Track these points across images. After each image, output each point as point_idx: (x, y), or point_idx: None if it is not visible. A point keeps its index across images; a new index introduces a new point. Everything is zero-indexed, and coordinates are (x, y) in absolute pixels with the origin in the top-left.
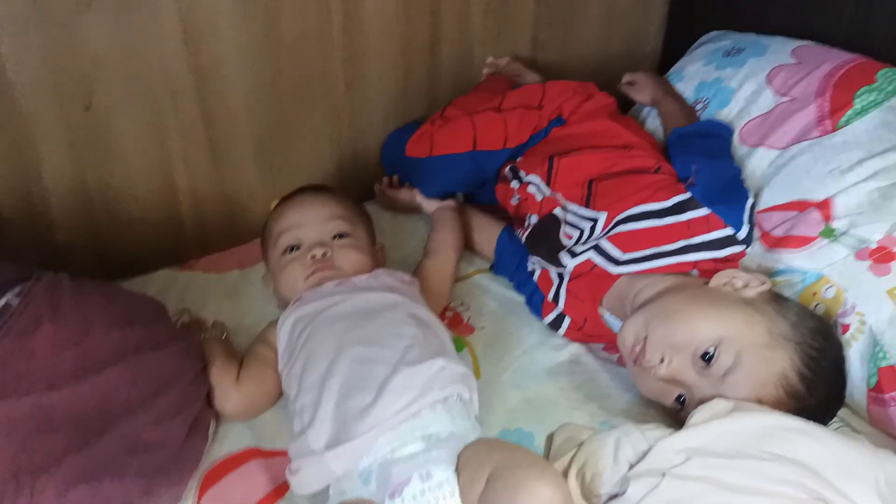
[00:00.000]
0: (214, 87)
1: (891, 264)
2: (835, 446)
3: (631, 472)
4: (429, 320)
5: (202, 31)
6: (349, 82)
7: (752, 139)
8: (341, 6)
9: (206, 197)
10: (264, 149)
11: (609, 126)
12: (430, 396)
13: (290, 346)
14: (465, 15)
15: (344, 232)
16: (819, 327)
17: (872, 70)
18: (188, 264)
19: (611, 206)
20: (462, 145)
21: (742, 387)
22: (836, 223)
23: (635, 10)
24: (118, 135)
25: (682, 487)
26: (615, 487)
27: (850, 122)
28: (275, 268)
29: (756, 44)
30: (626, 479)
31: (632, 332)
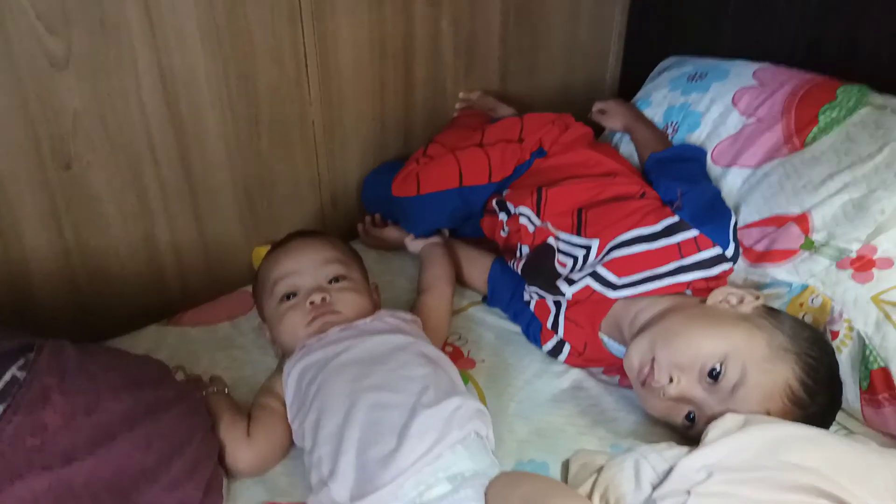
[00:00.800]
0: (193, 139)
1: (872, 271)
2: (845, 451)
3: (656, 493)
4: (438, 358)
5: (180, 84)
6: (326, 126)
7: (724, 160)
8: (316, 53)
9: (188, 248)
10: (245, 196)
11: (591, 155)
12: (451, 437)
13: (299, 397)
14: (435, 54)
15: (340, 275)
16: (814, 336)
17: (831, 88)
18: (175, 319)
19: (602, 232)
20: (449, 182)
21: (750, 400)
22: (815, 235)
23: (594, 41)
24: (98, 193)
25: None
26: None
27: (817, 139)
28: (272, 317)
29: (717, 68)
30: (652, 501)
31: (638, 354)
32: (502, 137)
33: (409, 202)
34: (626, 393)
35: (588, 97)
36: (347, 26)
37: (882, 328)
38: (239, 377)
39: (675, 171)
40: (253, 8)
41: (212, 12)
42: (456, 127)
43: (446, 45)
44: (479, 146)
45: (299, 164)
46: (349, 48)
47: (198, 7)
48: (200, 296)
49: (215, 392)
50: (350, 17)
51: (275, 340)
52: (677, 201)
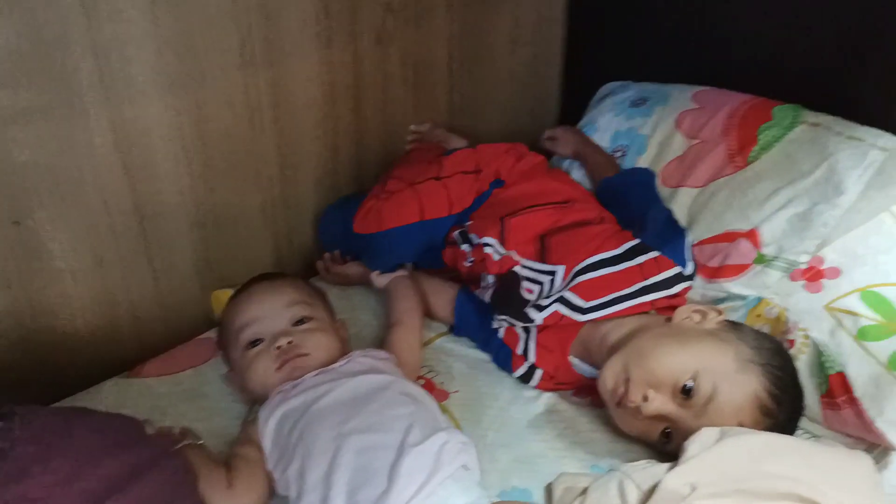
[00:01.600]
0: (147, 187)
1: (822, 281)
2: (817, 455)
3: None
4: (419, 395)
5: (132, 133)
6: (280, 166)
7: (672, 181)
8: (268, 94)
9: (143, 298)
10: (200, 242)
11: (549, 183)
12: (442, 473)
13: (280, 445)
14: (385, 89)
15: (305, 316)
16: (775, 347)
17: (767, 108)
18: (135, 371)
19: (566, 258)
20: (410, 216)
21: (723, 413)
22: (765, 249)
23: (535, 70)
24: (50, 248)
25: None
26: None
27: (759, 157)
28: (239, 365)
29: (658, 92)
30: None
31: (612, 375)
32: (459, 169)
33: (371, 238)
34: (599, 413)
35: (533, 125)
36: (298, 67)
37: (836, 335)
38: (209, 428)
39: (628, 194)
40: (204, 54)
41: (163, 60)
42: (412, 161)
43: (395, 81)
44: (437, 179)
45: (254, 205)
46: (300, 88)
47: (148, 56)
48: (157, 346)
49: (190, 444)
50: (300, 58)
51: (243, 388)
52: (637, 224)
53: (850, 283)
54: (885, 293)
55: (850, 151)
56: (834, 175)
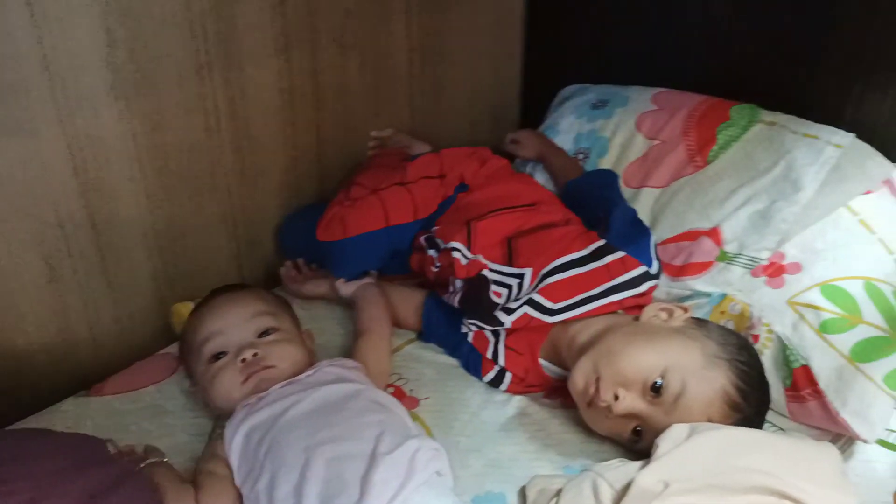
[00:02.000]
0: (102, 199)
1: (783, 277)
2: (785, 447)
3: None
4: (389, 403)
5: (86, 145)
6: (240, 174)
7: (634, 182)
8: (226, 103)
9: (101, 314)
10: (158, 254)
11: (514, 186)
12: (415, 480)
13: (248, 460)
14: (345, 96)
15: (270, 327)
16: (741, 342)
17: (725, 108)
18: (95, 389)
19: (533, 261)
20: (375, 223)
21: (692, 409)
22: (727, 247)
23: (495, 75)
24: (2, 264)
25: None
26: None
27: (718, 157)
28: (203, 380)
29: (617, 95)
30: None
31: (583, 375)
32: (424, 174)
33: (335, 246)
34: (570, 414)
35: (494, 129)
36: (256, 74)
37: (799, 329)
38: (173, 445)
39: (593, 196)
40: (159, 63)
41: (117, 70)
42: (375, 167)
43: (355, 87)
44: (401, 185)
45: (214, 215)
46: (259, 95)
47: (100, 67)
48: (117, 363)
49: (154, 463)
50: (258, 65)
51: (208, 403)
52: (602, 225)
53: (810, 278)
54: (845, 286)
55: (807, 149)
56: (791, 172)
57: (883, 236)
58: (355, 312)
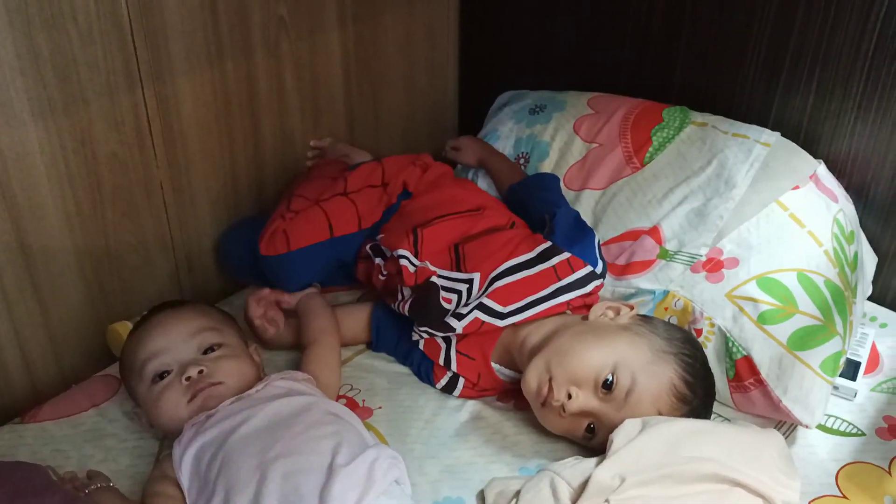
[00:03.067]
0: (30, 219)
1: (722, 272)
2: (733, 436)
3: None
4: (343, 413)
5: (10, 161)
6: (175, 188)
7: (575, 184)
8: (158, 114)
9: (32, 338)
10: (92, 273)
11: (457, 192)
12: (374, 491)
13: (199, 479)
14: (281, 105)
15: (214, 343)
16: (685, 336)
17: (657, 110)
18: (29, 416)
19: (481, 265)
20: (319, 234)
21: (642, 403)
22: (667, 245)
23: (431, 82)
24: None
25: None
26: None
27: (654, 158)
28: (146, 401)
29: (553, 99)
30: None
31: (535, 376)
32: (366, 183)
33: (279, 260)
34: (523, 416)
35: (432, 136)
36: (189, 85)
37: (738, 321)
38: (117, 470)
39: (536, 199)
40: (87, 75)
41: (41, 84)
42: (315, 178)
43: (291, 96)
44: (343, 195)
45: (149, 231)
46: (192, 106)
47: (25, 80)
48: (51, 387)
49: (99, 488)
50: (190, 75)
51: (153, 424)
52: (547, 227)
53: (747, 272)
54: (780, 278)
55: (737, 148)
56: (724, 171)
57: (812, 229)
58: (301, 324)
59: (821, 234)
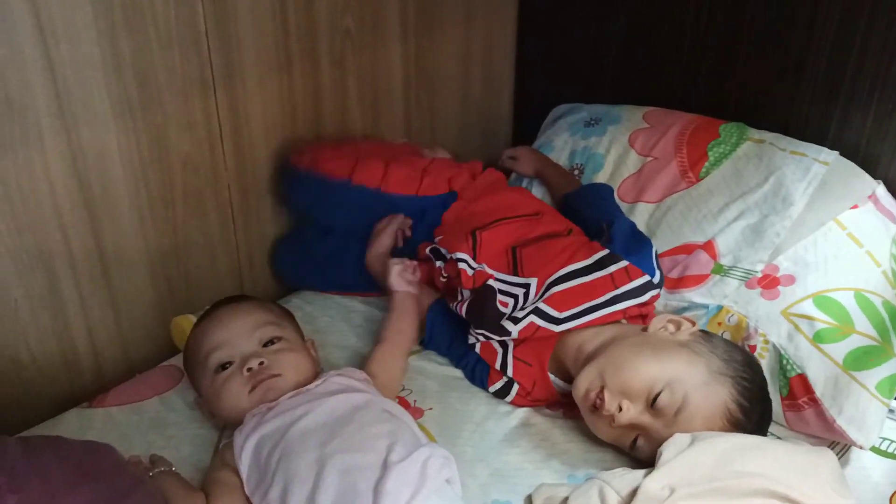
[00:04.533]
0: (105, 214)
1: (778, 288)
2: (786, 452)
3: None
4: (397, 412)
5: (90, 159)
6: (241, 191)
7: (629, 197)
8: (229, 119)
9: (102, 328)
10: (161, 269)
11: (514, 197)
12: (427, 488)
13: (259, 470)
14: (343, 113)
15: (274, 337)
16: (746, 359)
17: (714, 126)
18: (97, 401)
19: (538, 270)
20: (374, 179)
21: (693, 423)
22: (722, 260)
23: (487, 95)
24: (4, 276)
25: None
26: None
27: (710, 173)
28: (209, 391)
29: (608, 113)
30: None
31: (587, 381)
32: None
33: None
34: (573, 424)
35: (485, 147)
36: (258, 91)
37: (794, 339)
38: (179, 457)
39: (592, 208)
40: (165, 79)
41: (122, 86)
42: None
43: (353, 105)
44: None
45: (215, 232)
46: (261, 112)
47: (108, 81)
48: (117, 376)
49: (163, 472)
50: (260, 82)
51: (215, 414)
52: (605, 235)
53: (803, 290)
54: (837, 297)
55: (795, 166)
56: (781, 188)
57: (870, 249)
58: (387, 317)
59: (879, 255)
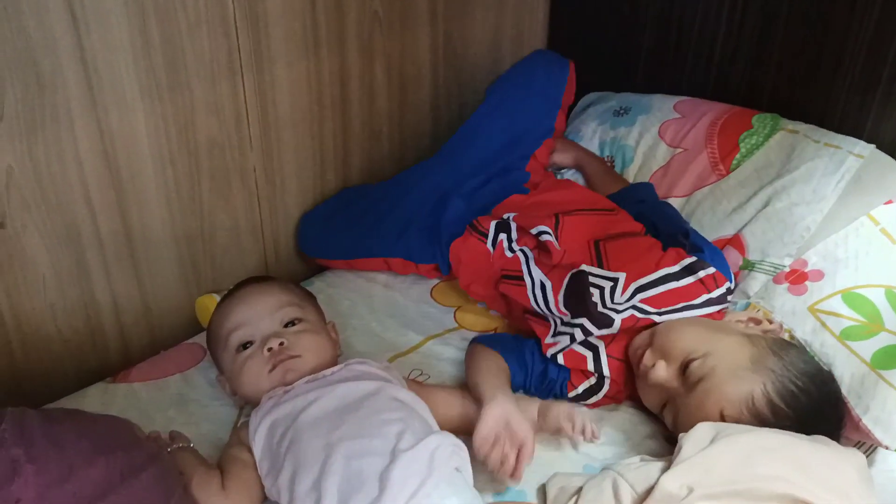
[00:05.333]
0: (133, 195)
1: (805, 284)
2: (810, 454)
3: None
4: (410, 400)
5: (119, 140)
6: (267, 173)
7: (659, 192)
8: (256, 102)
9: (128, 305)
10: (186, 249)
11: (590, 193)
12: (435, 477)
13: (270, 452)
14: (370, 98)
15: (295, 318)
16: (813, 372)
17: (747, 117)
18: (120, 376)
19: (626, 266)
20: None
21: (707, 398)
22: (750, 255)
23: None
24: (33, 254)
25: None
26: None
27: (741, 164)
28: (230, 370)
29: (639, 102)
30: None
31: (639, 339)
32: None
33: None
34: (591, 414)
35: None
36: (285, 75)
37: (819, 335)
38: (198, 434)
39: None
40: (192, 62)
41: (151, 68)
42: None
43: (380, 90)
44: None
45: (240, 213)
46: (287, 96)
47: (137, 63)
48: (142, 352)
49: (181, 448)
50: (287, 66)
51: (236, 392)
52: (687, 244)
53: (832, 286)
54: (867, 294)
55: (828, 158)
56: (812, 180)
57: None
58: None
59: None
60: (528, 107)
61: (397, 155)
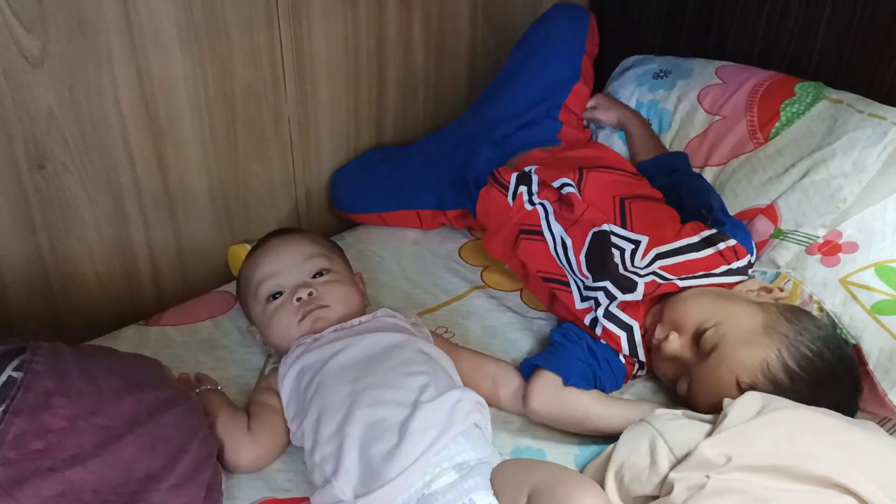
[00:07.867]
0: (170, 140)
1: (839, 255)
2: (856, 439)
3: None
4: (436, 354)
5: (157, 85)
6: (302, 125)
7: (695, 161)
8: (292, 53)
9: (163, 250)
10: (221, 197)
11: (616, 154)
12: (453, 430)
13: (297, 398)
14: (407, 53)
15: (324, 268)
16: (822, 335)
17: (790, 84)
18: (154, 319)
19: (650, 230)
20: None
21: (720, 365)
22: (783, 224)
23: None
24: (72, 195)
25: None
26: (654, 490)
27: (780, 133)
28: (260, 319)
29: (680, 66)
30: (669, 481)
31: (651, 314)
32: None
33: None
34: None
35: None
36: (323, 27)
37: (849, 307)
38: (225, 378)
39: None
40: (231, 10)
41: (191, 14)
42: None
43: (417, 46)
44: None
45: (274, 164)
46: (324, 48)
47: (176, 8)
48: (175, 298)
49: (208, 389)
50: (325, 18)
51: (266, 341)
52: (710, 218)
53: (866, 258)
54: None
55: (871, 129)
56: (853, 150)
57: None
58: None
59: None
60: (551, 55)
61: (431, 112)
